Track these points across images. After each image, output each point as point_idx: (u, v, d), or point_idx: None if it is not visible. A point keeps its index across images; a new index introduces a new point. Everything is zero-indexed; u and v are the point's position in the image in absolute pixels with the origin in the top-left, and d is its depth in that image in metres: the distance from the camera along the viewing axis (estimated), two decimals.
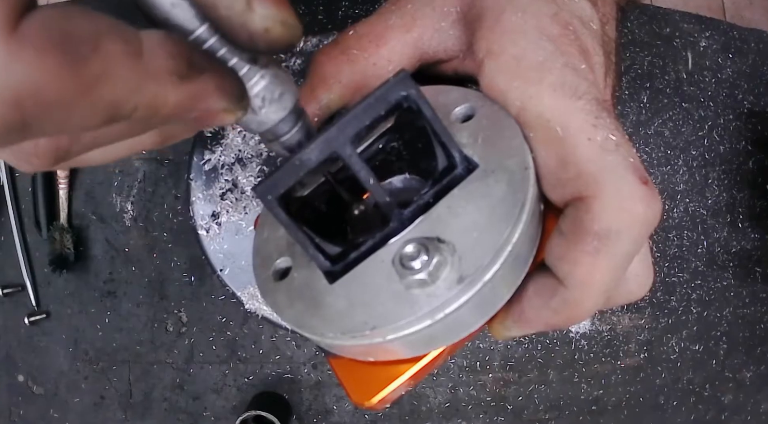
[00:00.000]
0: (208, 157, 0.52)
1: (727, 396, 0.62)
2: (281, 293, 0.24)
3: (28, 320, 0.57)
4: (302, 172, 0.21)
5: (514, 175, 0.22)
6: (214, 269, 0.52)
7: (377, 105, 0.21)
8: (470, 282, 0.21)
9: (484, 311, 0.23)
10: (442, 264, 0.21)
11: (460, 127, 0.25)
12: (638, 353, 0.60)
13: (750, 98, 0.63)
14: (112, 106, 0.15)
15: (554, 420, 0.60)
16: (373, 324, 0.21)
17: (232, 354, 0.58)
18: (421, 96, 0.21)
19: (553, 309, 0.23)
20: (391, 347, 0.23)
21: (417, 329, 0.21)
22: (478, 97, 0.25)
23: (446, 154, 0.23)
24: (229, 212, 0.52)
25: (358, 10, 0.56)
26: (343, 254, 0.23)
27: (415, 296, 0.21)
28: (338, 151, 0.21)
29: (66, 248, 0.56)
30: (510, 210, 0.22)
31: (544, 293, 0.24)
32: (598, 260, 0.22)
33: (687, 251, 0.61)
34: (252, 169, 0.51)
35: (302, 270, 0.24)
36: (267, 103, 0.21)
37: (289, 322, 0.24)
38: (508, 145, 0.23)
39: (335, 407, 0.59)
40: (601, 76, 0.25)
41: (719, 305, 0.61)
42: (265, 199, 0.21)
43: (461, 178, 0.23)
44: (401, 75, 0.21)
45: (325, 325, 0.22)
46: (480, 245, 0.21)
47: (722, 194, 0.62)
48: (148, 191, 0.57)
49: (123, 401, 0.59)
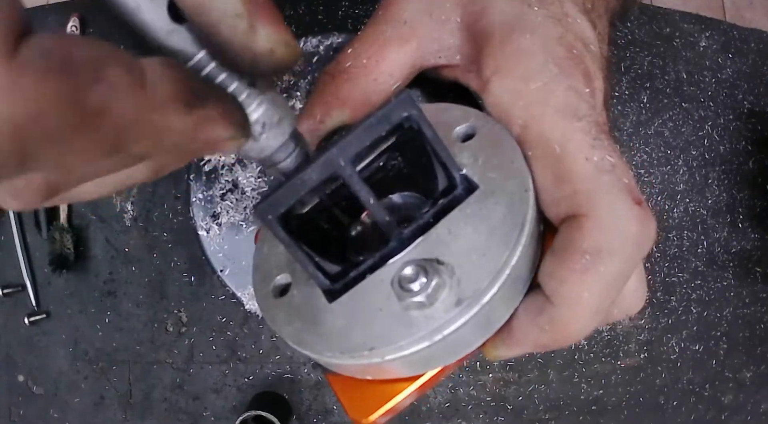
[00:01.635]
0: (208, 157, 0.52)
1: (727, 396, 0.62)
2: (280, 310, 0.24)
3: (28, 320, 0.57)
4: (303, 191, 0.21)
5: (514, 198, 0.22)
6: (214, 270, 0.52)
7: (379, 125, 0.21)
8: (468, 305, 0.21)
9: (483, 331, 0.23)
10: (440, 286, 0.21)
11: (461, 147, 0.25)
12: (638, 353, 0.60)
13: (750, 98, 0.63)
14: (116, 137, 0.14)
15: (554, 420, 0.60)
16: (371, 345, 0.21)
17: (232, 354, 0.58)
18: (422, 117, 0.21)
19: (540, 327, 0.23)
20: (389, 367, 0.23)
21: (415, 350, 0.21)
22: (479, 116, 0.25)
23: (447, 174, 0.23)
24: (230, 213, 0.52)
25: (358, 10, 0.56)
26: (342, 273, 0.23)
27: (413, 317, 0.21)
28: (339, 171, 0.21)
29: (66, 248, 0.56)
30: (509, 233, 0.22)
31: (532, 310, 0.23)
32: (586, 278, 0.22)
33: (687, 251, 0.61)
34: (252, 169, 0.51)
35: (302, 287, 0.24)
36: (267, 129, 0.21)
37: (288, 339, 0.24)
38: (508, 166, 0.23)
39: (335, 407, 0.59)
40: (600, 100, 0.25)
41: (719, 305, 0.61)
42: (266, 219, 0.21)
43: (461, 199, 0.23)
44: (403, 96, 0.21)
45: (324, 343, 0.22)
46: (479, 267, 0.21)
47: (722, 194, 0.61)
48: (148, 191, 0.57)
49: (123, 401, 0.59)
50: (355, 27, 0.55)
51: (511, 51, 0.25)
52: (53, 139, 0.13)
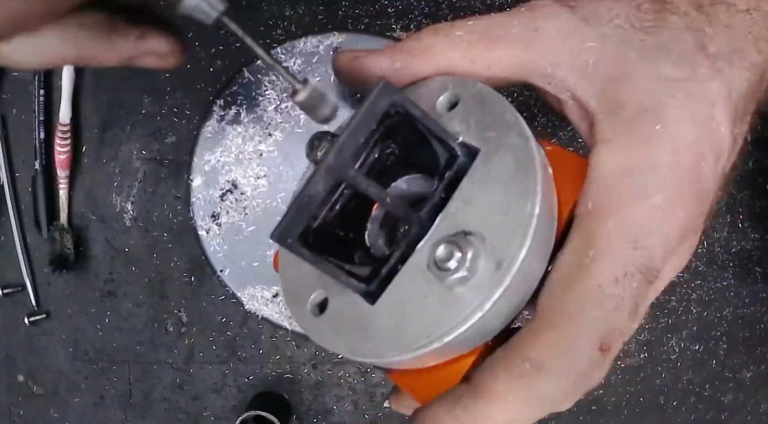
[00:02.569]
0: (208, 157, 0.52)
1: (727, 396, 0.62)
2: (326, 327, 0.24)
3: (28, 320, 0.57)
4: (313, 206, 0.21)
5: (518, 148, 0.22)
6: (214, 270, 0.52)
7: (367, 120, 0.21)
8: (509, 264, 0.21)
9: (528, 288, 0.23)
10: (476, 256, 0.21)
11: (449, 116, 0.24)
12: (638, 353, 0.60)
13: None
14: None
15: (554, 420, 0.60)
16: (427, 333, 0.21)
17: (232, 354, 0.58)
18: (406, 99, 0.21)
19: (455, 417, 0.22)
20: (449, 349, 0.22)
21: (470, 324, 0.21)
22: (456, 82, 0.25)
23: (445, 147, 0.23)
24: (230, 213, 0.52)
25: (358, 10, 0.56)
26: (374, 273, 0.23)
27: (459, 293, 0.21)
28: (343, 175, 0.21)
29: (66, 248, 0.56)
30: (524, 183, 0.21)
31: (449, 399, 0.23)
32: (518, 383, 0.21)
33: None
34: (252, 169, 0.51)
35: (339, 298, 0.24)
36: None
37: (344, 352, 0.23)
38: (501, 121, 0.23)
39: (335, 407, 0.59)
40: (692, 233, 0.23)
41: (719, 305, 0.61)
42: (286, 244, 0.21)
43: (467, 167, 0.23)
44: (381, 85, 0.21)
45: (381, 346, 0.22)
46: (506, 226, 0.21)
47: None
48: (148, 191, 0.57)
49: (123, 401, 0.59)
50: (355, 27, 0.55)
51: (634, 134, 0.22)
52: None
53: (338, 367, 0.59)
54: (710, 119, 0.23)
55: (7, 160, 0.56)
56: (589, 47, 0.24)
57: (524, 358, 0.21)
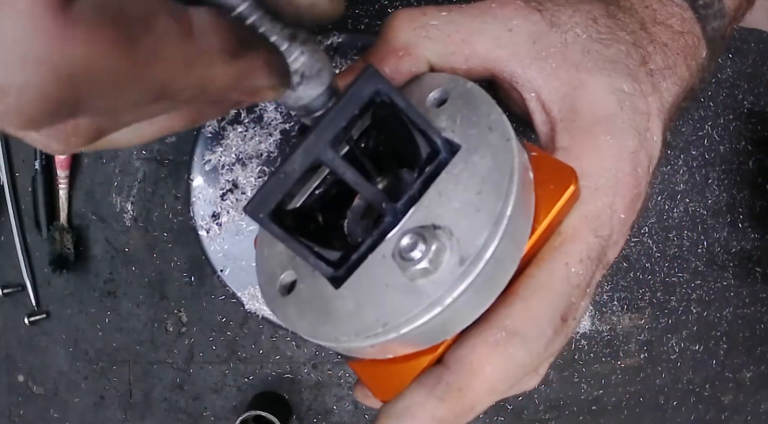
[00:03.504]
0: (208, 157, 0.52)
1: (727, 396, 0.62)
2: (290, 307, 0.24)
3: (28, 320, 0.57)
4: (288, 184, 0.21)
5: (498, 149, 0.22)
6: (214, 270, 0.52)
7: (351, 105, 0.21)
8: (472, 262, 0.21)
9: (492, 288, 0.23)
10: (441, 250, 0.21)
11: (437, 112, 0.25)
12: (638, 353, 0.60)
13: (750, 98, 0.63)
14: (163, 85, 0.15)
15: (554, 420, 0.61)
16: (384, 321, 0.21)
17: (232, 354, 0.58)
18: (392, 88, 0.21)
19: (438, 397, 0.23)
20: (407, 341, 0.22)
21: (428, 318, 0.21)
22: (448, 79, 0.25)
23: (427, 141, 0.23)
24: (230, 213, 0.52)
25: (359, 10, 0.56)
26: (344, 258, 0.23)
27: (420, 286, 0.21)
28: (320, 157, 0.21)
29: (66, 248, 0.56)
30: (499, 183, 0.22)
31: (428, 382, 0.23)
32: (494, 352, 0.22)
33: (687, 251, 0.61)
34: (252, 169, 0.51)
35: (307, 280, 0.24)
36: (305, 80, 0.21)
37: (303, 333, 0.24)
38: (486, 120, 0.23)
39: (335, 407, 0.59)
40: (628, 226, 0.27)
41: (719, 305, 0.61)
42: (257, 217, 0.21)
43: (446, 162, 0.23)
44: (369, 71, 0.21)
45: (338, 329, 0.22)
46: (475, 223, 0.21)
47: (722, 194, 0.61)
48: (148, 191, 0.57)
49: (123, 401, 0.59)
50: (355, 27, 0.55)
51: (588, 143, 0.26)
52: (104, 87, 0.14)
53: (338, 367, 0.59)
54: (646, 130, 0.26)
55: (7, 160, 0.56)
56: (553, 52, 0.26)
57: (501, 327, 0.23)
